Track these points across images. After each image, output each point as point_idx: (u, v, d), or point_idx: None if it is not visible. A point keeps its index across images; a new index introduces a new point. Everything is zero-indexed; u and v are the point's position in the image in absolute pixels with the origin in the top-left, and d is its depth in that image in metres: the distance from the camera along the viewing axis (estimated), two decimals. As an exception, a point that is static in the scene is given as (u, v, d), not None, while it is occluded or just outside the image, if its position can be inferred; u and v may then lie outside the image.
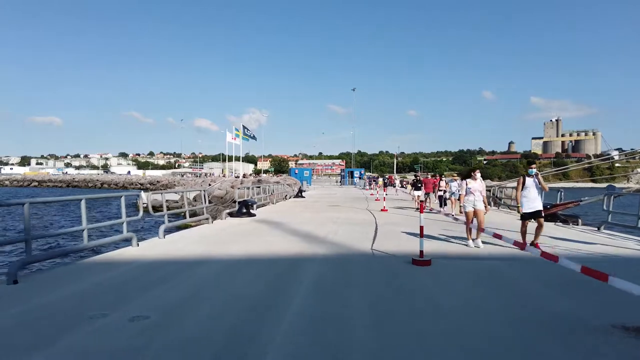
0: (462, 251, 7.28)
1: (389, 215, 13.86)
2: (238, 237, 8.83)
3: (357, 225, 10.86)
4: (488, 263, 6.27)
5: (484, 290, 4.76)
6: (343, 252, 7.08)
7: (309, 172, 57.76)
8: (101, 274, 5.47)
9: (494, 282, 5.13)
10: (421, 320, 3.70)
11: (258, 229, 10.06)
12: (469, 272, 5.62)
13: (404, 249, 7.29)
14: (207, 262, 6.31)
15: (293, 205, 18.78)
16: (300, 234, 9.20)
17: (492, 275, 5.48)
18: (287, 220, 12.05)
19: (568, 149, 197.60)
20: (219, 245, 7.76)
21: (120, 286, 4.88)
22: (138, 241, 7.83)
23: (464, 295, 4.54)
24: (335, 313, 3.89)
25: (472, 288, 4.85)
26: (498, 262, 6.34)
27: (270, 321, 3.66)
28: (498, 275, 5.49)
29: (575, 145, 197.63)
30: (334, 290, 4.68)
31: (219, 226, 10.64)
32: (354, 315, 3.82)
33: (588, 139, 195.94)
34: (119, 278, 5.28)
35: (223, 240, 8.33)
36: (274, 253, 6.98)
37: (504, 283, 5.11)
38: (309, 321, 3.67)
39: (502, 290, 4.73)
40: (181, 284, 4.97)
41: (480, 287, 4.88)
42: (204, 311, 3.94)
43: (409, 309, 4.04)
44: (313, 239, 8.47)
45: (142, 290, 4.69)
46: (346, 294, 4.52)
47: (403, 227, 10.51)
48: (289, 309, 3.99)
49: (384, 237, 8.87)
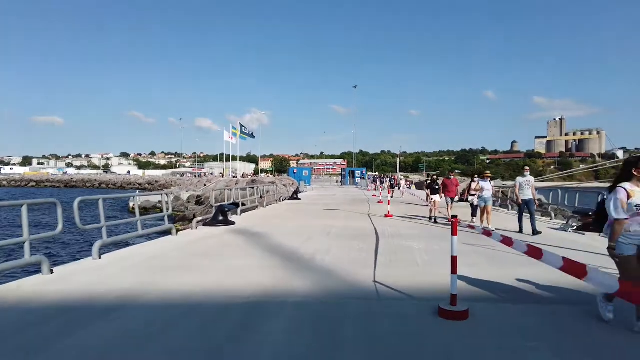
0: (510, 284, 5.07)
1: (396, 223, 11.66)
2: (197, 258, 6.64)
3: (356, 239, 8.66)
4: (562, 310, 4.08)
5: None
6: (332, 288, 4.88)
7: (308, 171, 55.53)
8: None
9: None
10: None
11: (229, 245, 7.87)
12: (537, 331, 3.44)
13: (423, 283, 5.09)
14: (128, 307, 4.15)
15: (285, 209, 16.60)
16: (280, 254, 7.01)
17: (586, 339, 3.29)
18: (271, 231, 9.87)
19: (572, 148, 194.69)
20: (164, 274, 5.58)
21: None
22: (53, 266, 5.68)
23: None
24: None
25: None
26: (573, 308, 4.15)
27: None
28: (596, 339, 3.30)
29: (579, 145, 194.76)
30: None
31: (183, 240, 8.46)
32: None
33: (592, 138, 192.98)
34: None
35: (174, 265, 6.15)
36: (233, 289, 4.80)
37: None
38: None
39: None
40: None
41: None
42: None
43: None
44: (295, 263, 6.28)
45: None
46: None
47: (415, 242, 8.31)
48: None
49: (391, 258, 6.67)
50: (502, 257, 6.70)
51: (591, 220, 9.55)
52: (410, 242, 8.19)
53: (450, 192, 12.63)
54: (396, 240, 8.47)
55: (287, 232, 9.81)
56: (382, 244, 8.04)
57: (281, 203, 20.68)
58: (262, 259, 6.53)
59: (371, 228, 10.54)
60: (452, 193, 12.70)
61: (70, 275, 5.45)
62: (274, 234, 9.29)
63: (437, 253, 7.09)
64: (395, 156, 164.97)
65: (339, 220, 12.56)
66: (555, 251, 6.98)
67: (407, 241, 8.36)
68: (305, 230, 10.02)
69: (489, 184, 11.12)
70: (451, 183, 12.77)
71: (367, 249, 7.43)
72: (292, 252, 7.12)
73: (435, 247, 7.73)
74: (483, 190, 11.05)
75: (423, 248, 7.59)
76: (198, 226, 10.28)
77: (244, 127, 55.10)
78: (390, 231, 9.91)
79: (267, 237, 8.83)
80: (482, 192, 11.07)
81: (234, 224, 10.84)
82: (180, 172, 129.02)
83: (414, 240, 8.45)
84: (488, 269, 5.88)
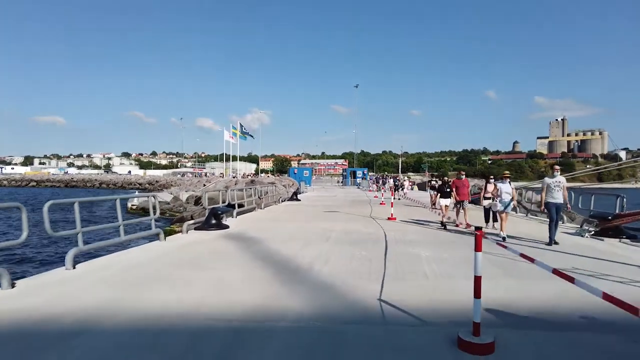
0: (533, 302, 4.39)
1: (400, 227, 10.98)
2: (182, 269, 5.98)
3: (358, 245, 7.99)
4: (601, 341, 3.41)
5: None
6: (330, 308, 4.20)
7: (309, 172, 54.80)
8: None
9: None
10: None
11: (219, 253, 7.21)
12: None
13: (435, 302, 4.41)
14: (88, 333, 3.49)
15: (283, 211, 15.94)
16: (274, 264, 6.34)
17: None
18: (267, 235, 9.21)
19: (574, 148, 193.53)
20: (140, 288, 4.93)
21: None
22: (18, 279, 5.04)
23: None
24: None
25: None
26: (615, 337, 3.48)
27: None
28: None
29: (581, 145, 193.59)
30: None
31: (170, 247, 7.80)
32: None
33: (594, 138, 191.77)
34: None
35: (154, 276, 5.49)
36: (215, 309, 4.14)
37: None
38: None
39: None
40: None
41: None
42: None
43: None
44: (290, 275, 5.61)
45: None
46: None
47: (422, 248, 7.64)
48: None
49: (397, 269, 5.99)
50: (520, 267, 6.03)
51: (612, 225, 8.87)
52: (417, 249, 7.52)
53: (462, 195, 11.17)
54: (401, 247, 7.79)
55: (283, 236, 9.15)
56: (387, 250, 7.37)
57: (280, 204, 20.02)
58: (254, 270, 5.87)
59: (374, 232, 9.87)
60: (464, 196, 11.21)
61: (34, 290, 4.79)
62: (269, 239, 8.63)
63: (448, 263, 6.42)
64: (396, 156, 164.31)
65: (339, 223, 11.89)
66: (581, 262, 6.37)
67: (414, 248, 7.69)
68: (303, 235, 9.36)
69: (508, 186, 9.50)
70: (462, 184, 11.30)
71: (369, 258, 6.76)
72: (288, 261, 6.45)
73: (444, 255, 7.06)
74: (502, 193, 9.40)
75: (431, 256, 6.91)
76: (189, 230, 9.62)
77: (243, 126, 54.51)
78: (395, 236, 9.24)
79: (262, 243, 8.18)
80: (500, 196, 9.40)
81: (228, 228, 10.18)
82: (181, 172, 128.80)
83: (420, 247, 7.78)
84: (506, 283, 5.22)
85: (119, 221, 7.23)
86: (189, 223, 9.87)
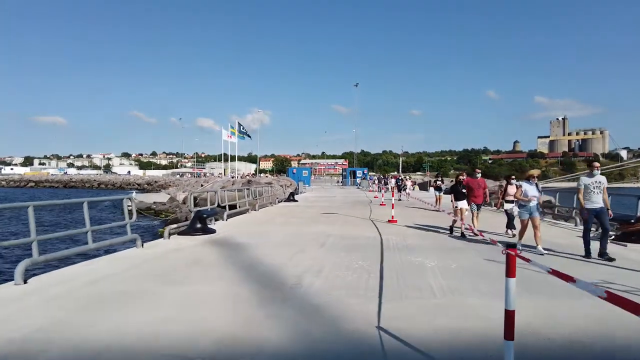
0: (564, 327, 3.59)
1: (401, 231, 10.18)
2: (152, 282, 5.19)
3: (355, 252, 7.19)
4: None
5: None
6: (318, 338, 3.39)
7: (308, 171, 54.07)
8: None
9: None
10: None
11: (199, 263, 6.41)
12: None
13: (447, 328, 3.60)
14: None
15: (278, 213, 15.14)
16: (259, 276, 5.55)
17: None
18: (257, 241, 8.43)
19: (575, 148, 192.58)
20: (95, 307, 4.15)
21: None
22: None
23: None
24: None
25: None
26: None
27: None
28: None
29: (582, 144, 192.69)
30: None
31: (146, 255, 7.01)
32: None
33: (595, 137, 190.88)
34: None
35: (118, 293, 4.70)
36: (176, 340, 3.34)
37: None
38: None
39: None
40: None
41: None
42: None
43: None
44: (275, 291, 4.81)
45: None
46: None
47: (426, 256, 6.83)
48: None
49: (399, 283, 5.19)
50: (539, 279, 5.24)
51: (635, 228, 8.07)
52: (421, 258, 6.72)
53: (477, 197, 9.63)
54: (403, 255, 6.99)
55: (274, 242, 8.37)
56: (386, 259, 6.57)
57: (276, 205, 19.23)
58: (235, 284, 5.08)
59: (373, 237, 9.08)
60: (479, 198, 9.70)
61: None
62: (258, 246, 7.84)
63: (456, 274, 5.62)
64: (396, 156, 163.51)
65: (336, 226, 11.10)
66: (609, 274, 5.52)
67: (417, 256, 6.88)
68: (296, 240, 8.57)
69: (534, 188, 7.56)
70: (477, 185, 9.72)
71: (367, 268, 5.96)
72: (275, 273, 5.66)
73: (451, 264, 6.26)
74: (527, 196, 7.48)
75: (437, 266, 6.11)
76: (172, 235, 8.82)
77: (242, 126, 53.71)
78: (396, 241, 8.44)
79: (249, 250, 7.39)
80: (526, 200, 7.50)
81: (214, 233, 9.38)
82: (180, 172, 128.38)
83: (424, 255, 6.98)
84: (527, 301, 4.41)
85: (86, 226, 6.44)
86: (172, 227, 9.06)
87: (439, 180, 19.36)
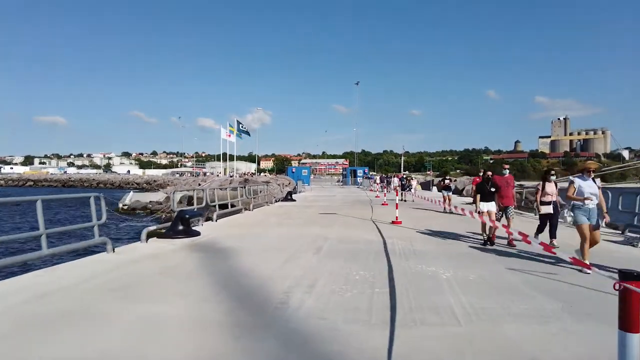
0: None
1: (407, 234, 9.20)
2: (112, 297, 4.23)
3: (356, 260, 6.22)
4: None
5: None
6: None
7: (307, 170, 53.11)
8: None
9: None
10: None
11: (170, 273, 5.43)
12: None
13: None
14: None
15: (274, 213, 14.16)
16: (239, 290, 4.57)
17: None
18: (245, 245, 7.47)
19: (576, 148, 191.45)
20: (33, 332, 3.20)
21: None
22: None
23: None
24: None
25: None
26: None
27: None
28: None
29: (584, 144, 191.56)
30: None
31: (114, 262, 6.03)
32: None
33: (597, 137, 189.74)
34: None
35: (66, 311, 3.73)
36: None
37: None
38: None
39: None
40: None
41: None
42: None
43: None
44: (254, 311, 3.82)
45: None
46: None
47: (438, 265, 5.84)
48: None
49: (412, 302, 4.19)
50: (580, 295, 4.27)
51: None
52: (433, 267, 5.74)
53: (506, 198, 8.07)
54: (412, 263, 6.02)
55: (265, 246, 7.41)
56: (393, 269, 5.59)
57: (272, 205, 18.25)
58: (208, 302, 4.11)
59: (376, 241, 8.11)
60: (508, 199, 8.15)
61: None
62: (245, 251, 6.88)
63: (479, 289, 4.64)
64: (397, 156, 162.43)
65: (335, 227, 10.14)
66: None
67: (428, 264, 5.90)
68: (289, 244, 7.60)
69: (595, 185, 5.95)
70: (506, 183, 8.15)
71: (371, 280, 4.99)
72: (259, 287, 4.69)
73: (469, 275, 5.29)
74: (582, 195, 5.83)
75: (453, 278, 5.14)
76: (148, 239, 7.84)
77: (241, 124, 52.73)
78: (402, 246, 7.47)
79: (233, 257, 6.42)
80: (586, 200, 5.77)
81: (198, 235, 8.42)
82: (180, 172, 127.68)
83: (436, 263, 6.00)
84: (575, 329, 3.43)
85: (40, 229, 5.46)
86: (150, 229, 8.09)
87: (448, 179, 17.59)
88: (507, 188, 8.17)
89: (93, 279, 4.99)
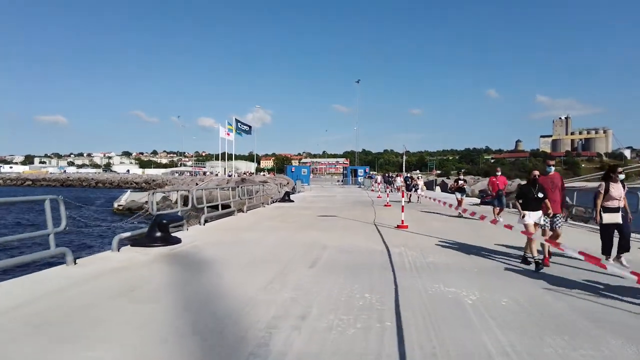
0: None
1: (418, 241, 8.16)
2: (44, 330, 3.20)
3: (358, 277, 5.18)
4: None
5: None
6: None
7: (307, 170, 52.07)
8: None
9: None
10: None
11: (133, 294, 4.39)
12: None
13: None
14: None
15: (268, 216, 13.13)
16: (209, 322, 3.54)
17: None
18: (228, 255, 6.44)
19: (578, 147, 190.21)
20: None
21: None
22: None
23: None
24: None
25: None
26: None
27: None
28: None
29: (585, 144, 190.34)
30: None
31: (74, 276, 5.00)
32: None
33: (598, 137, 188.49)
34: None
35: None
36: None
37: None
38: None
39: None
40: None
41: None
42: None
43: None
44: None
45: None
46: None
47: (459, 284, 4.79)
48: None
49: (433, 342, 3.16)
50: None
51: None
52: (452, 287, 4.70)
53: (552, 203, 6.24)
54: (426, 280, 4.98)
55: (252, 257, 6.37)
56: (404, 290, 4.55)
57: (268, 206, 17.21)
58: (163, 344, 3.08)
59: (381, 250, 7.07)
60: (556, 204, 6.33)
61: None
62: (227, 264, 5.84)
63: (517, 320, 3.60)
64: (398, 155, 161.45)
65: (334, 233, 9.10)
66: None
67: (446, 283, 4.86)
68: (280, 254, 6.57)
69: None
70: (551, 183, 6.39)
71: (378, 307, 3.95)
72: (235, 318, 3.65)
73: (500, 298, 4.25)
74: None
75: (481, 303, 4.10)
76: (120, 248, 6.81)
77: (239, 122, 51.66)
78: (413, 257, 6.42)
79: (212, 271, 5.38)
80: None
81: (179, 243, 7.38)
82: (179, 171, 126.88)
83: (455, 281, 4.96)
84: None
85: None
86: (123, 237, 7.05)
87: (463, 179, 15.46)
88: (554, 190, 6.39)
89: (27, 305, 3.93)
